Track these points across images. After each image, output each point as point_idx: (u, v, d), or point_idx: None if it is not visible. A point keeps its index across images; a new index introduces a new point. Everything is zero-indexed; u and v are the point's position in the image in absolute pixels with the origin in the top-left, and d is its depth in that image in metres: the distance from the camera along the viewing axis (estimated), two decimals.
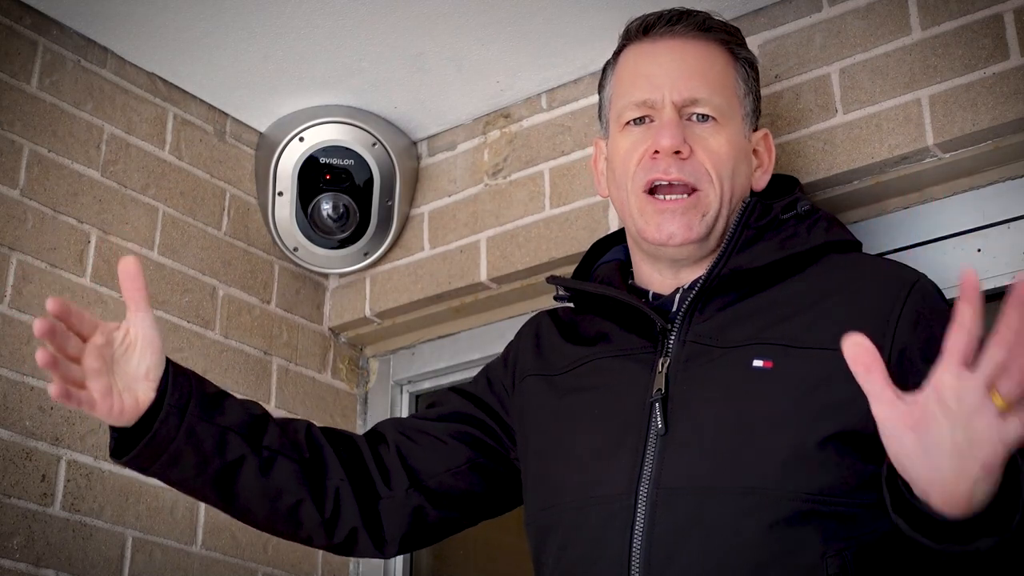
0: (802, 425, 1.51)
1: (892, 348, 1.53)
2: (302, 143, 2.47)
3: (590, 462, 1.62)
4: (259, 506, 1.71)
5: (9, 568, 1.96)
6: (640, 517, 1.53)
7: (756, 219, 1.69)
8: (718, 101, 1.73)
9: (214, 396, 1.69)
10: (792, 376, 1.54)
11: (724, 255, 1.66)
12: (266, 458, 1.70)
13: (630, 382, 1.65)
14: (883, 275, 1.62)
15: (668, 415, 1.58)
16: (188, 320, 2.34)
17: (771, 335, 1.59)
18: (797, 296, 1.62)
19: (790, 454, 1.50)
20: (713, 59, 1.76)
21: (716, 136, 1.72)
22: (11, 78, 2.16)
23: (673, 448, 1.56)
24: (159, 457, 1.62)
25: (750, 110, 1.79)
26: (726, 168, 1.71)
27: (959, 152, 1.96)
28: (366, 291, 2.57)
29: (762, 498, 1.48)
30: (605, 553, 1.55)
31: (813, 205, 1.74)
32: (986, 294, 1.94)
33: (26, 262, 2.10)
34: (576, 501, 1.61)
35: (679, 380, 1.61)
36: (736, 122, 1.75)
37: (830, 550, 1.46)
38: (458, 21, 2.22)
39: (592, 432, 1.65)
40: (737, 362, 1.58)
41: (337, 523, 1.75)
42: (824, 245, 1.68)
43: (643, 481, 1.55)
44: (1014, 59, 1.90)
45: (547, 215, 2.35)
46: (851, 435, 1.50)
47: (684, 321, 1.65)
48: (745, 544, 1.47)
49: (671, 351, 1.64)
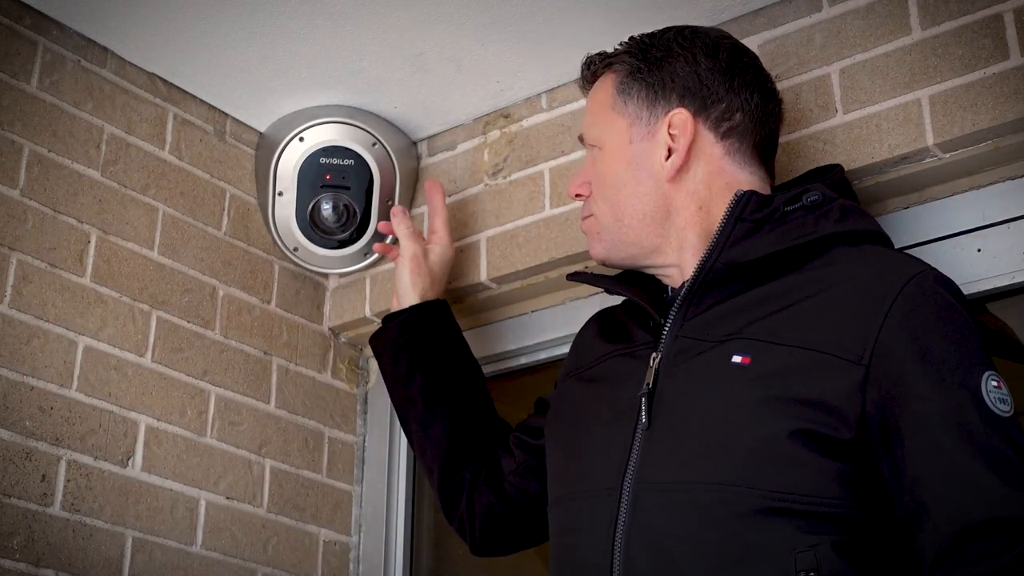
0: (770, 420, 1.51)
1: (876, 349, 1.51)
2: (302, 143, 2.47)
3: (588, 456, 1.67)
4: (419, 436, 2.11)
5: (9, 568, 1.96)
6: (623, 511, 1.56)
7: (751, 212, 1.68)
8: (594, 131, 1.84)
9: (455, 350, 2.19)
10: (765, 372, 1.55)
11: (714, 249, 1.67)
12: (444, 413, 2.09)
13: (628, 377, 1.69)
14: (880, 268, 1.60)
15: (652, 410, 1.60)
16: (188, 320, 2.34)
17: (754, 331, 1.59)
18: (791, 290, 1.62)
19: (760, 450, 1.50)
20: (596, 93, 1.87)
21: (599, 163, 1.82)
22: (11, 78, 2.16)
23: (653, 443, 1.59)
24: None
25: (637, 108, 1.79)
26: (609, 188, 1.79)
27: (959, 152, 1.95)
28: (366, 291, 2.57)
29: (732, 494, 1.49)
30: (593, 546, 1.58)
31: (825, 195, 1.71)
32: (986, 294, 1.96)
33: (26, 262, 2.10)
34: (573, 494, 1.67)
35: (666, 375, 1.63)
36: (616, 136, 1.80)
37: (801, 546, 1.46)
38: (458, 21, 2.22)
39: (593, 426, 1.70)
40: (719, 358, 1.59)
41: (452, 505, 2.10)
42: (830, 237, 1.66)
43: (627, 475, 1.57)
44: (1014, 59, 1.90)
45: (547, 215, 2.35)
46: (819, 435, 1.50)
47: (679, 315, 1.67)
48: (714, 540, 1.49)
49: (664, 346, 1.65)
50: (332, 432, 2.55)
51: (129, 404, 2.20)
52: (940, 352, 1.51)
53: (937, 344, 1.52)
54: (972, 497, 1.44)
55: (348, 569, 2.51)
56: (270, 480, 2.40)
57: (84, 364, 2.15)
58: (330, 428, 2.55)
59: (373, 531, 2.53)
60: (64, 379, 2.11)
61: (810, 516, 1.47)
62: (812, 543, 1.46)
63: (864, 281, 1.58)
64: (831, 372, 1.52)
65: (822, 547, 1.46)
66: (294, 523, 2.42)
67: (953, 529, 1.43)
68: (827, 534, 1.47)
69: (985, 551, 1.41)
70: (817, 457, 1.49)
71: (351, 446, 2.59)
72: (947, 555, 1.43)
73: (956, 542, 1.43)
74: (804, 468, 1.49)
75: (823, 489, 1.48)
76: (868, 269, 1.61)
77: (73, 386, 2.12)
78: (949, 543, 1.43)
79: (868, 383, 1.50)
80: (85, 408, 2.13)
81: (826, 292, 1.59)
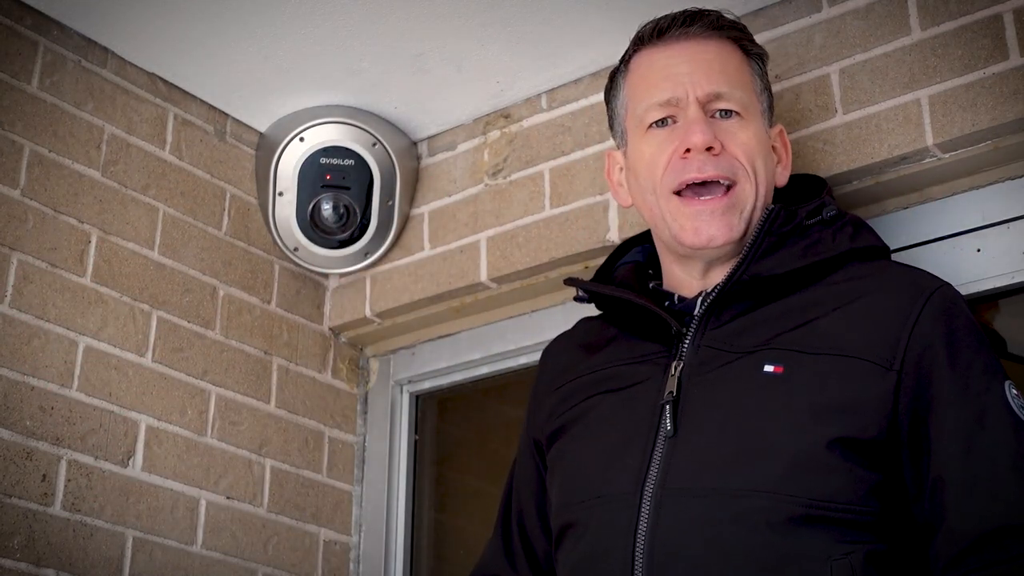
0: (808, 428, 1.51)
1: (907, 355, 1.52)
2: (302, 143, 2.47)
3: (602, 462, 1.64)
4: None
5: (9, 568, 1.96)
6: (644, 517, 1.53)
7: (779, 226, 1.68)
8: (740, 95, 1.73)
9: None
10: (801, 381, 1.54)
11: (744, 262, 1.65)
12: None
13: (643, 385, 1.66)
14: (902, 283, 1.61)
15: (678, 418, 1.58)
16: (188, 320, 2.34)
17: (784, 341, 1.58)
18: (814, 303, 1.62)
19: (796, 457, 1.49)
20: (729, 56, 1.76)
21: (744, 130, 1.71)
22: (12, 78, 2.16)
23: (680, 450, 1.56)
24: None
25: (766, 106, 1.80)
26: (759, 159, 1.71)
27: (959, 152, 1.96)
28: (366, 291, 2.57)
29: (766, 501, 1.48)
30: (611, 552, 1.56)
31: (839, 210, 1.72)
32: (986, 294, 1.96)
33: (26, 262, 2.10)
34: (587, 499, 1.63)
35: (691, 384, 1.61)
36: (757, 117, 1.75)
37: (835, 554, 1.45)
38: (458, 21, 2.22)
39: (606, 434, 1.67)
40: (749, 367, 1.58)
41: None
42: (847, 253, 1.66)
43: (648, 482, 1.55)
44: (1014, 59, 1.90)
45: (547, 215, 2.35)
46: (856, 441, 1.50)
47: (700, 326, 1.65)
48: (748, 547, 1.47)
49: (685, 355, 1.64)
50: (332, 432, 2.56)
51: (129, 404, 2.20)
52: (966, 359, 1.52)
53: (963, 351, 1.53)
54: (990, 502, 1.44)
55: (348, 569, 2.51)
56: (270, 480, 2.40)
57: (84, 364, 2.15)
58: (330, 428, 2.55)
59: (373, 531, 2.53)
60: (64, 379, 2.11)
61: (846, 524, 1.47)
62: (847, 551, 1.46)
63: (890, 293, 1.59)
64: (865, 377, 1.52)
65: (856, 555, 1.45)
66: (294, 523, 2.42)
67: (968, 534, 1.44)
68: (861, 543, 1.47)
69: (998, 557, 1.41)
70: (854, 466, 1.49)
71: (351, 446, 2.59)
72: (960, 559, 1.44)
73: (971, 547, 1.43)
74: (842, 476, 1.49)
75: (859, 498, 1.48)
76: (891, 282, 1.62)
77: (73, 386, 2.12)
78: (964, 547, 1.43)
79: (900, 388, 1.51)
80: (85, 408, 2.13)
81: (851, 304, 1.59)
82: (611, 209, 2.26)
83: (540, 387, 1.88)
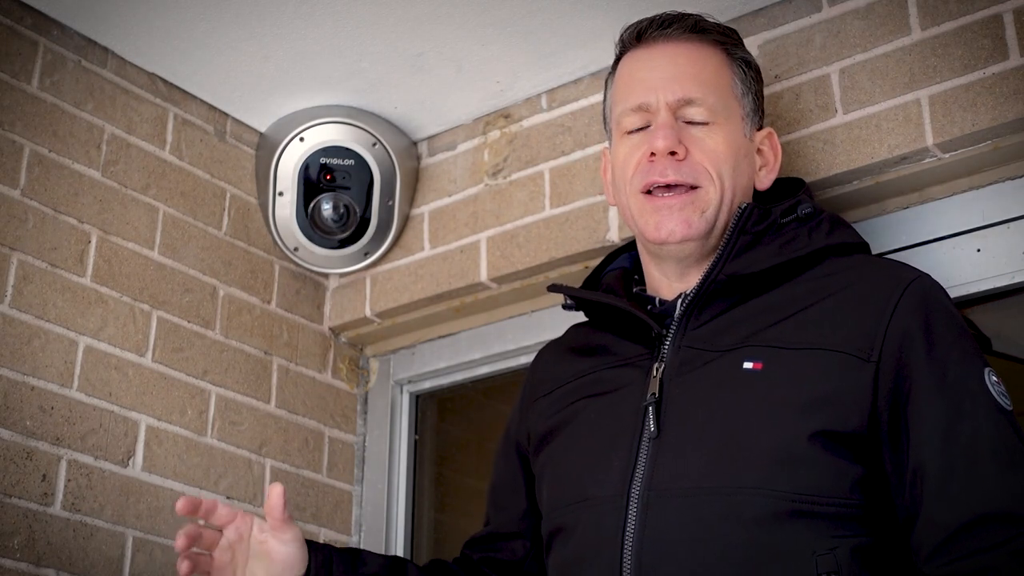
0: (789, 423, 1.52)
1: (885, 346, 1.53)
2: (302, 143, 2.47)
3: (588, 466, 1.65)
4: None
5: (10, 568, 1.96)
6: (632, 518, 1.55)
7: (753, 224, 1.69)
8: (713, 101, 1.74)
9: (352, 551, 1.76)
10: (781, 376, 1.55)
11: (719, 261, 1.67)
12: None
13: (627, 388, 1.67)
14: (879, 275, 1.62)
15: (661, 418, 1.59)
16: (188, 320, 2.34)
17: (762, 337, 1.60)
18: (792, 299, 1.63)
19: (778, 453, 1.50)
20: (706, 60, 1.77)
21: (712, 136, 1.72)
22: (12, 78, 2.16)
23: (664, 451, 1.57)
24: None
25: (750, 109, 1.79)
26: (725, 166, 1.72)
27: (959, 152, 1.96)
28: (366, 291, 2.57)
29: (751, 497, 1.49)
30: (598, 554, 1.57)
31: (816, 207, 1.74)
32: (986, 294, 1.96)
33: (27, 262, 2.11)
34: (574, 503, 1.64)
35: (673, 384, 1.62)
36: (734, 121, 1.76)
37: (820, 549, 1.46)
38: (458, 21, 2.22)
39: (590, 438, 1.68)
40: (728, 365, 1.59)
41: None
42: (823, 249, 1.68)
43: (635, 483, 1.57)
44: (1014, 59, 1.90)
45: (547, 215, 2.35)
46: (837, 434, 1.50)
47: (680, 327, 1.66)
48: (735, 544, 1.48)
49: (666, 356, 1.65)
50: (332, 432, 2.56)
51: (129, 404, 2.20)
52: (944, 348, 1.53)
53: (941, 340, 1.53)
54: (970, 490, 1.44)
55: None
56: (270, 480, 2.40)
57: (84, 364, 2.15)
58: (330, 428, 2.55)
59: (373, 531, 2.53)
60: (65, 379, 2.11)
61: (831, 518, 1.48)
62: (832, 545, 1.46)
63: (867, 285, 1.60)
64: (843, 369, 1.53)
65: (842, 549, 1.46)
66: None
67: (949, 523, 1.44)
68: (847, 536, 1.47)
69: (979, 546, 1.42)
70: (837, 459, 1.50)
71: (351, 446, 2.59)
72: (942, 548, 1.44)
73: (952, 536, 1.43)
74: (825, 470, 1.49)
75: (843, 491, 1.49)
76: (869, 275, 1.63)
77: (74, 386, 2.12)
78: (945, 536, 1.44)
79: (879, 379, 1.51)
80: (86, 408, 2.13)
81: (829, 299, 1.60)
82: (611, 209, 2.26)
83: (527, 392, 1.90)
